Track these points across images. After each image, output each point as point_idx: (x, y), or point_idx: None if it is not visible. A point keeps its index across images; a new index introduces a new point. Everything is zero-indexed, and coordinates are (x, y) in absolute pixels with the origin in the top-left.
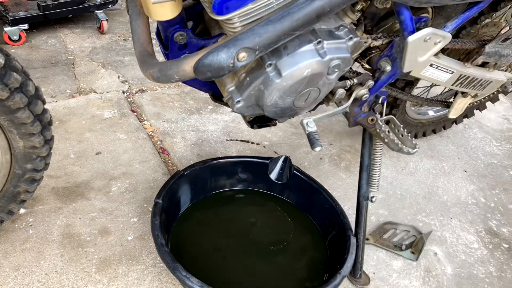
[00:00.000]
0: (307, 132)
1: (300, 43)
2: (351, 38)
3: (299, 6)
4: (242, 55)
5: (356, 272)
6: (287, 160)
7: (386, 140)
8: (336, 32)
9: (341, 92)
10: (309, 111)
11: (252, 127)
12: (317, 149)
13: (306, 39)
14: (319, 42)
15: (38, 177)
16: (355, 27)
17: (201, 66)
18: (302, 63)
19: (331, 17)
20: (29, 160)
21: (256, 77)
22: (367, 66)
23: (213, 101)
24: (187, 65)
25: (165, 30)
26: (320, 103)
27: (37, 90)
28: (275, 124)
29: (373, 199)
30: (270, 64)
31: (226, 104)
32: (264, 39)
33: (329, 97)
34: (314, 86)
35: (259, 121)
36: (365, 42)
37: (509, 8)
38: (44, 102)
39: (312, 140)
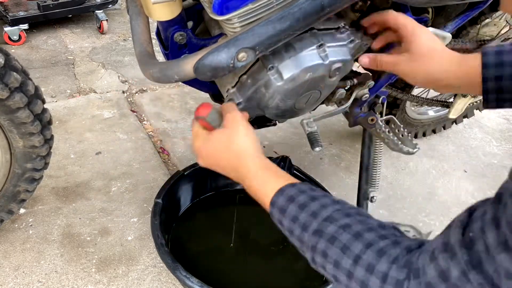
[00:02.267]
0: (307, 132)
1: (302, 46)
2: (352, 41)
3: (299, 6)
4: (242, 55)
5: None
6: (287, 160)
7: (386, 140)
8: (337, 35)
9: (341, 92)
10: (309, 111)
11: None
12: (317, 149)
13: (308, 42)
14: (321, 45)
15: (37, 176)
16: (355, 28)
17: (201, 66)
18: (303, 66)
19: (331, 17)
20: (29, 159)
21: (258, 79)
22: None
23: (213, 101)
24: (187, 65)
25: (165, 30)
26: (320, 103)
27: (36, 89)
28: (274, 124)
29: (373, 199)
30: (272, 67)
31: None
32: (264, 39)
33: (329, 97)
34: (315, 89)
35: (258, 121)
36: (366, 44)
37: None
38: (43, 102)
39: (312, 140)
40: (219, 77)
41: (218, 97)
